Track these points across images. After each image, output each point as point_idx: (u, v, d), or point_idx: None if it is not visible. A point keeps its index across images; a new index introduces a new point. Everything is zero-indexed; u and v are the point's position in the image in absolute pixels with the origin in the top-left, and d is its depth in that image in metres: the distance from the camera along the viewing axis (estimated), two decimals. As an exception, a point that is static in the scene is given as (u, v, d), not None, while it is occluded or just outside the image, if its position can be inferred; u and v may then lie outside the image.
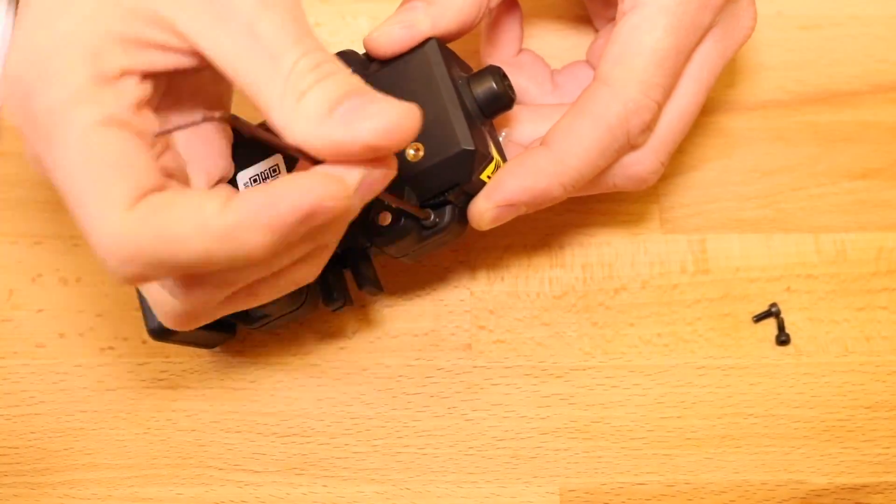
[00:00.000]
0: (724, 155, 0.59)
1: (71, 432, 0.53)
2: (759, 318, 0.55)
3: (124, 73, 0.40)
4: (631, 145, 0.49)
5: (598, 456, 0.53)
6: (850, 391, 0.54)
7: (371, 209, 0.48)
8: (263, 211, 0.37)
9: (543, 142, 0.49)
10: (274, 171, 0.48)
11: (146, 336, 0.54)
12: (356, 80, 0.40)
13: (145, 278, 0.39)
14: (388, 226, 0.48)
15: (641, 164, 0.50)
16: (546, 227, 0.57)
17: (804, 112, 0.60)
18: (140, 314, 0.55)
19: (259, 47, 0.39)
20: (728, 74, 0.60)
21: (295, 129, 0.39)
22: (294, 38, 0.40)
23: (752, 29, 0.52)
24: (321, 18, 0.60)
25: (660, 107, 0.49)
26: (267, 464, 0.53)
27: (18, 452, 0.53)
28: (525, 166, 0.48)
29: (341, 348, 0.55)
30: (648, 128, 0.49)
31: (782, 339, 0.55)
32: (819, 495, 0.52)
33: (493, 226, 0.49)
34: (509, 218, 0.49)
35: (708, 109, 0.60)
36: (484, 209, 0.49)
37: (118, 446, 0.53)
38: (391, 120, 0.39)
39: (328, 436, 0.53)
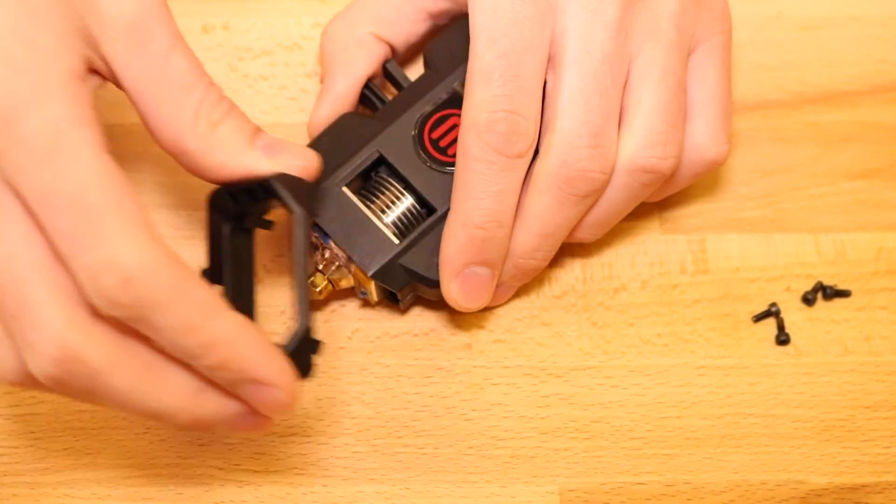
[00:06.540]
0: (724, 155, 0.59)
1: (71, 432, 0.53)
2: (758, 317, 0.55)
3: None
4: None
5: (597, 456, 0.53)
6: (849, 391, 0.54)
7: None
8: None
9: None
10: None
11: (146, 336, 0.55)
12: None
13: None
14: None
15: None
16: (546, 227, 0.57)
17: (804, 112, 0.60)
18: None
19: (171, 77, 0.43)
20: (728, 74, 0.60)
21: (215, 154, 0.43)
22: (200, 72, 0.44)
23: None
24: (321, 18, 0.60)
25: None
26: (267, 464, 0.53)
27: (18, 452, 0.53)
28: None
29: (341, 348, 0.55)
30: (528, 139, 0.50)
31: (782, 338, 0.55)
32: (819, 495, 0.52)
33: (473, 303, 0.52)
34: (489, 286, 0.52)
35: (708, 109, 0.60)
36: (445, 289, 0.51)
37: (118, 446, 0.53)
38: (311, 160, 0.45)
39: (328, 436, 0.53)
